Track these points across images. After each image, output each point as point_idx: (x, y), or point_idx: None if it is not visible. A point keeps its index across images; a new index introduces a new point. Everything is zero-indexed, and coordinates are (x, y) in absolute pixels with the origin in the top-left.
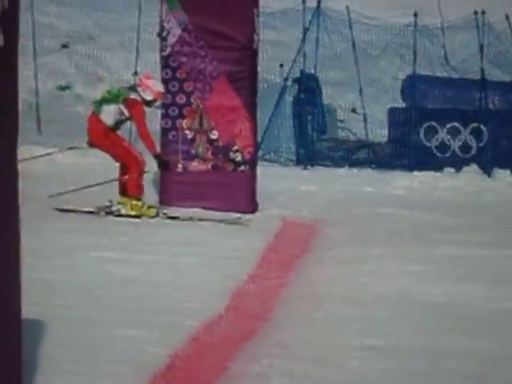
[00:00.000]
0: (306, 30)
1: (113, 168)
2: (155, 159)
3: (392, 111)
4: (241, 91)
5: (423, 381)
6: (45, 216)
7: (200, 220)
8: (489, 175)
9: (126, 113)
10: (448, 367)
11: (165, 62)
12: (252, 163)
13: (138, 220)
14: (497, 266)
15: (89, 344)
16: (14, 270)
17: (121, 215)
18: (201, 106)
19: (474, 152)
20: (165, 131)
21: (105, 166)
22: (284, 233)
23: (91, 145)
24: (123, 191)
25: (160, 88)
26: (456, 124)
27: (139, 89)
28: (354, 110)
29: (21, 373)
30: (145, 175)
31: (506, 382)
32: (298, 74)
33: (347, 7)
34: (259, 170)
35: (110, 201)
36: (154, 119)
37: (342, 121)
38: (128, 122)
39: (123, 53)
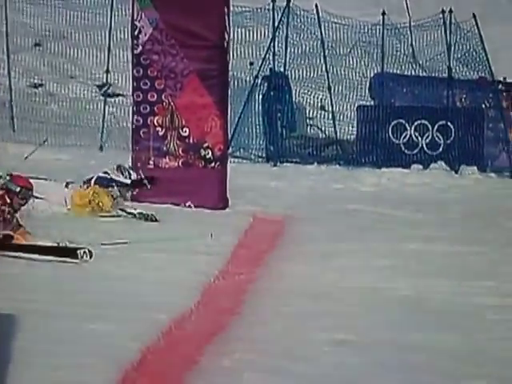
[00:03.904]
0: (275, 29)
1: (84, 165)
2: None
3: (360, 109)
4: (211, 89)
5: (392, 375)
6: None
7: None
8: (456, 172)
9: None
10: (416, 361)
11: (136, 60)
12: (222, 160)
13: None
14: (463, 261)
15: (61, 338)
16: None
17: None
18: (172, 104)
19: (441, 149)
20: (136, 128)
21: (76, 163)
22: (254, 229)
23: None
24: None
25: None
26: (424, 121)
27: None
28: (322, 108)
29: None
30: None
31: (473, 376)
32: (267, 72)
33: (316, 6)
34: (229, 166)
35: None
36: (125, 117)
37: (311, 118)
38: None
39: (95, 51)
